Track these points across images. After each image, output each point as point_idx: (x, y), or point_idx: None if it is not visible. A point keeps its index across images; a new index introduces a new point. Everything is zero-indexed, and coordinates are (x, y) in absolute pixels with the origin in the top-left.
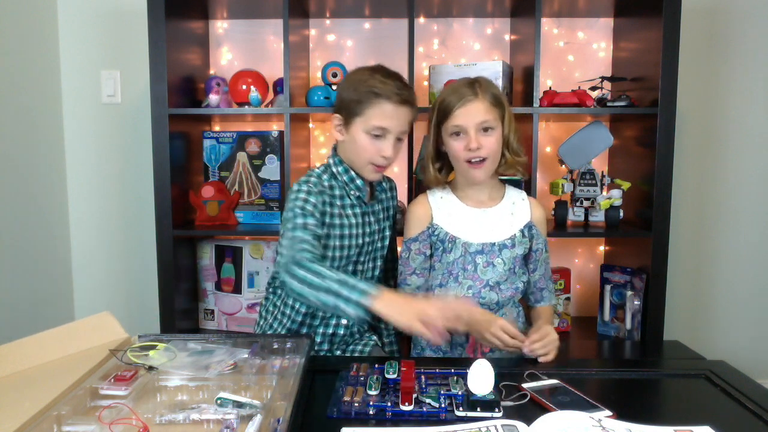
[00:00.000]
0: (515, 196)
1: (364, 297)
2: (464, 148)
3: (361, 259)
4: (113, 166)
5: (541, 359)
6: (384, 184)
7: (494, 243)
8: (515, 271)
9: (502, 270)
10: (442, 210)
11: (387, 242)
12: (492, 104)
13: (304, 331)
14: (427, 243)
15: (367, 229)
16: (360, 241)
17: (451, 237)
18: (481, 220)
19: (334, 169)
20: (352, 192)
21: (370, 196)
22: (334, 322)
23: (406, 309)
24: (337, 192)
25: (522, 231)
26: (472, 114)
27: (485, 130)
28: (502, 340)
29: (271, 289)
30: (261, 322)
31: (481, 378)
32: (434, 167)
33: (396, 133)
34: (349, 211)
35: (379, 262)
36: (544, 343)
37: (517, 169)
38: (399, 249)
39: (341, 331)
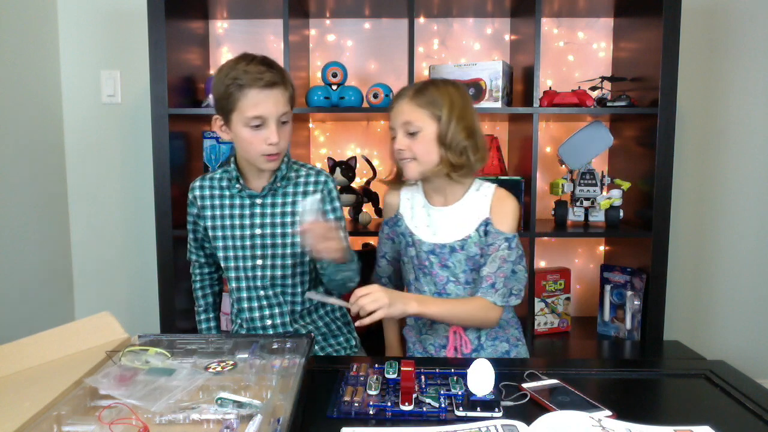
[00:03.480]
0: (481, 192)
1: None
2: (395, 147)
3: (258, 252)
4: (113, 166)
5: (361, 313)
6: (303, 178)
7: (444, 244)
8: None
9: (457, 272)
10: (407, 203)
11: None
12: (420, 105)
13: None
14: (394, 230)
15: (257, 221)
16: (247, 231)
17: (410, 232)
18: (435, 220)
19: (230, 166)
20: (237, 185)
21: (267, 188)
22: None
23: None
24: (225, 183)
25: (478, 230)
26: (396, 116)
27: (412, 134)
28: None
29: None
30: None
31: (481, 378)
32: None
33: (274, 117)
34: (237, 201)
35: (289, 260)
36: (356, 301)
37: (463, 170)
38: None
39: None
